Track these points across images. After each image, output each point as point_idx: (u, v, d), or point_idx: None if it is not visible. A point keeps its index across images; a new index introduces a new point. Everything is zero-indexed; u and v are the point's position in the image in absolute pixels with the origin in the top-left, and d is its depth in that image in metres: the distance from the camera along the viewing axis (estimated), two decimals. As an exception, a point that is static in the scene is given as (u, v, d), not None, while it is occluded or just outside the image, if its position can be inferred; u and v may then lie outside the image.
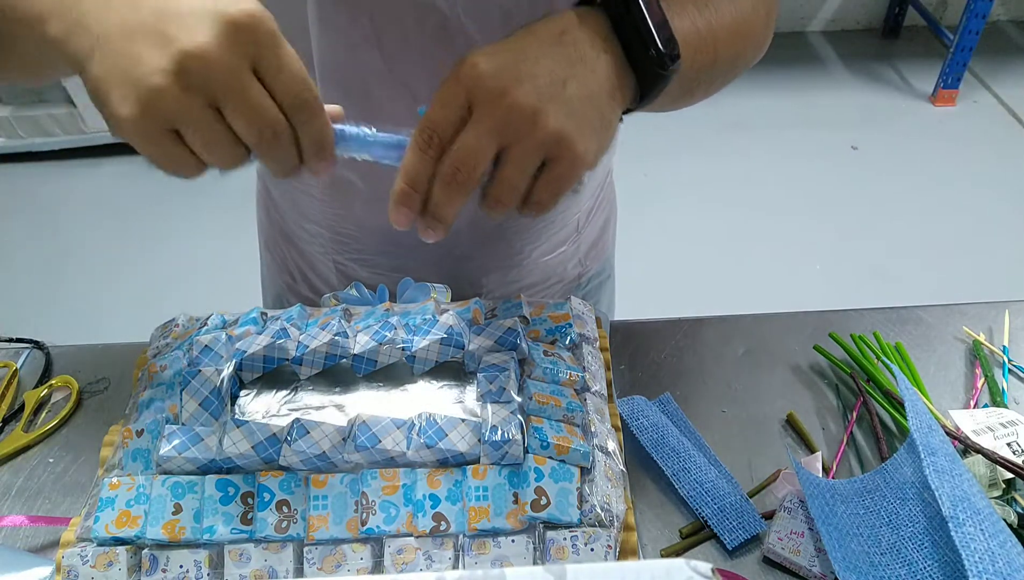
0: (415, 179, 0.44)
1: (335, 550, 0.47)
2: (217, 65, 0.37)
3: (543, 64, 0.43)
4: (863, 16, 3.24)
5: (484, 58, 0.42)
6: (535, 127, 0.42)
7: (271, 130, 0.40)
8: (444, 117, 0.43)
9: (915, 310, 0.74)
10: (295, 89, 0.39)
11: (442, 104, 0.43)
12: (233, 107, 0.38)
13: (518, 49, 0.44)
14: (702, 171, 2.39)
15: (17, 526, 0.57)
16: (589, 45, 0.45)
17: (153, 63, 0.36)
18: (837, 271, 2.11)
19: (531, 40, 0.44)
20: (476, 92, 0.42)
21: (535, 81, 0.42)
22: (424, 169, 0.43)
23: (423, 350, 0.53)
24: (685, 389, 0.67)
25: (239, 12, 0.37)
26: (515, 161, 0.43)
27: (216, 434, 0.49)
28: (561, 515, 0.46)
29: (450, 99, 0.43)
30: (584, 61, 0.45)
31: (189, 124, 0.38)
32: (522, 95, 0.42)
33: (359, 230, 0.71)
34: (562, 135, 0.42)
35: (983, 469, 0.55)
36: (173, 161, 0.40)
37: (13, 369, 0.70)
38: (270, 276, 0.84)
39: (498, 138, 0.42)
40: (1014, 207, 2.31)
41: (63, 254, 2.25)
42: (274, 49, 0.38)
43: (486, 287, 0.75)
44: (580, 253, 0.80)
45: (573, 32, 0.45)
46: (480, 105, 0.42)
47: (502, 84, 0.42)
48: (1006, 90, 2.83)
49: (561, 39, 0.45)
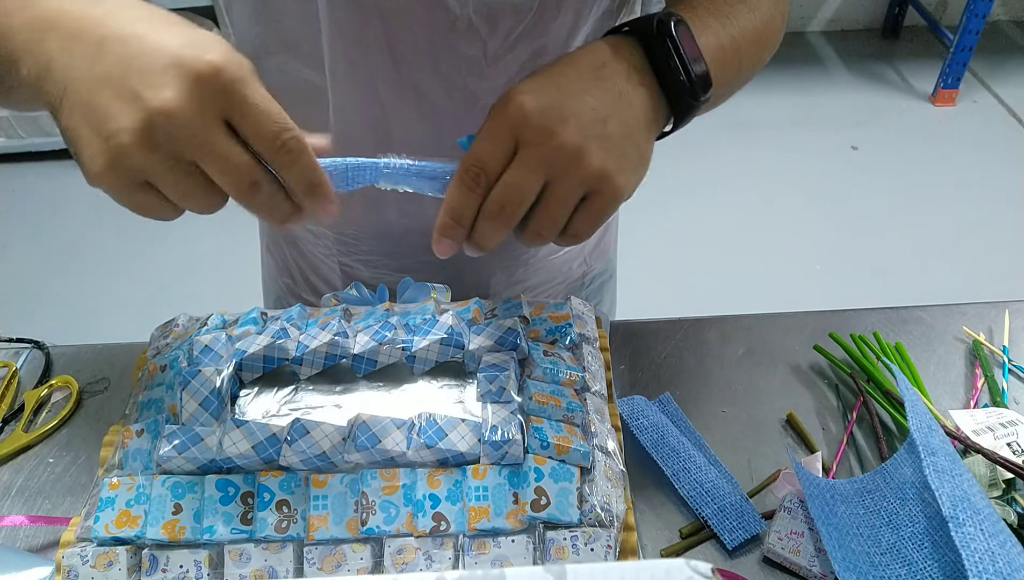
0: (461, 214, 0.45)
1: (335, 550, 0.47)
2: (184, 121, 0.36)
3: (586, 101, 0.44)
4: (863, 16, 3.24)
5: (530, 96, 0.43)
6: (579, 165, 0.43)
7: (247, 180, 0.39)
8: (491, 155, 0.43)
9: (915, 310, 0.74)
10: (268, 134, 0.38)
11: (489, 141, 0.43)
12: (205, 162, 0.38)
13: (562, 85, 0.44)
14: (701, 171, 2.39)
15: (17, 526, 0.57)
16: (626, 79, 0.46)
17: (120, 121, 0.35)
18: (837, 271, 2.11)
19: (573, 74, 0.45)
20: (523, 131, 0.43)
21: (579, 119, 0.43)
22: (470, 205, 0.44)
23: (423, 350, 0.53)
24: (685, 389, 0.67)
25: (204, 65, 0.36)
26: (558, 197, 0.44)
27: (216, 434, 0.49)
28: (561, 515, 0.46)
29: (497, 137, 0.43)
30: (623, 96, 0.46)
31: (160, 179, 0.38)
32: (567, 134, 0.43)
33: (364, 231, 0.71)
34: (604, 172, 0.44)
35: (983, 469, 0.55)
36: (148, 209, 0.40)
37: (13, 369, 0.70)
38: (271, 278, 0.84)
39: (543, 176, 0.43)
40: (1014, 207, 2.31)
41: (63, 254, 2.25)
42: (243, 97, 0.37)
43: (492, 287, 0.75)
44: (584, 252, 0.80)
45: (611, 65, 0.46)
46: (526, 144, 0.43)
47: (548, 124, 0.43)
48: (1006, 90, 2.83)
49: (601, 72, 0.46)
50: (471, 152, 0.44)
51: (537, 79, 0.45)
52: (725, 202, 2.35)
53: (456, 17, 0.55)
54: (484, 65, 0.58)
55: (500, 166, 0.44)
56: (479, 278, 0.75)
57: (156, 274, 2.14)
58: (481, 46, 0.57)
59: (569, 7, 0.57)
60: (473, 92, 0.59)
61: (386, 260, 0.73)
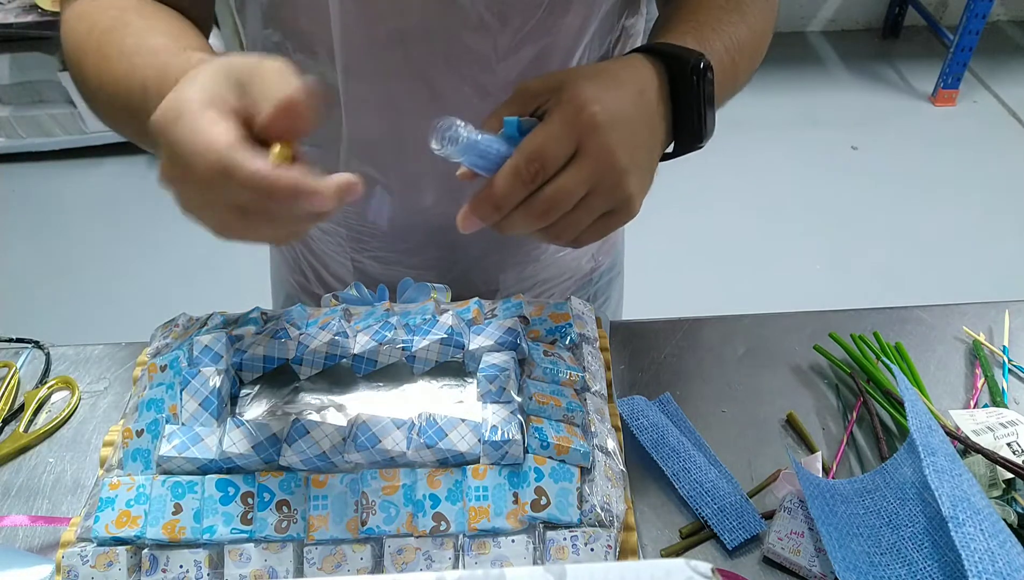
0: (505, 202, 0.45)
1: (335, 550, 0.47)
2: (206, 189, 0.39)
3: (637, 130, 0.47)
4: (863, 16, 3.24)
5: (601, 109, 0.44)
6: (619, 187, 0.46)
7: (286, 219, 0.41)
8: (555, 155, 0.44)
9: (915, 310, 0.74)
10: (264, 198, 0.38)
11: (556, 141, 0.44)
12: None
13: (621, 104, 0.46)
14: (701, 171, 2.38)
15: (17, 526, 0.57)
16: (656, 110, 0.49)
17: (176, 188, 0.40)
18: (837, 271, 2.11)
19: (625, 96, 0.46)
20: (589, 141, 0.44)
21: (631, 143, 0.45)
22: (519, 196, 0.45)
23: (423, 350, 0.53)
24: (685, 389, 0.67)
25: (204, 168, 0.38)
26: (590, 209, 0.46)
27: (216, 434, 0.49)
28: (561, 515, 0.46)
29: (564, 139, 0.44)
30: (653, 128, 0.49)
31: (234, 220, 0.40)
32: (623, 156, 0.45)
33: (377, 226, 0.71)
34: (632, 196, 0.46)
35: (983, 469, 0.55)
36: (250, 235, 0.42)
37: (13, 369, 0.70)
38: (280, 276, 0.84)
39: (590, 186, 0.45)
40: (1014, 207, 2.31)
41: (63, 254, 2.25)
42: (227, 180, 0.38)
43: (502, 284, 0.76)
44: (593, 248, 0.81)
45: (648, 93, 0.48)
46: (588, 155, 0.44)
47: (611, 143, 0.44)
48: (1006, 90, 2.83)
49: (640, 99, 0.48)
50: (535, 146, 0.44)
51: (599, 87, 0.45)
52: (725, 202, 2.35)
53: (467, 13, 0.56)
54: (494, 60, 0.58)
55: (559, 167, 0.44)
56: (489, 275, 0.75)
57: (156, 274, 2.14)
58: (491, 42, 0.57)
59: (579, 5, 0.58)
60: (483, 86, 0.60)
61: (397, 256, 0.73)
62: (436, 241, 0.71)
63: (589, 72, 0.47)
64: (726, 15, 0.56)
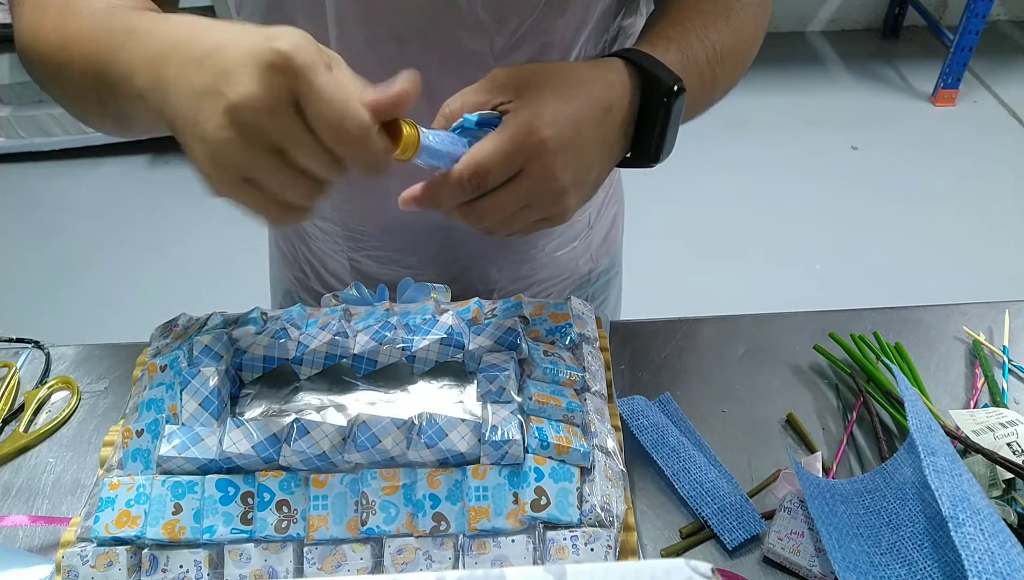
0: (443, 201, 0.47)
1: (335, 550, 0.47)
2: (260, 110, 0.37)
3: (589, 153, 0.48)
4: (863, 16, 3.24)
5: (552, 135, 0.45)
6: (555, 204, 0.48)
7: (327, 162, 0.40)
8: (497, 173, 0.45)
9: (915, 310, 0.74)
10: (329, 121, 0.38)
11: (501, 162, 0.45)
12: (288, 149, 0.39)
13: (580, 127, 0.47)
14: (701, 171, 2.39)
15: (17, 526, 0.57)
16: (619, 126, 0.50)
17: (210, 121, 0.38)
18: (837, 271, 2.11)
19: (589, 115, 0.48)
20: (532, 164, 0.46)
21: (577, 168, 0.47)
22: (456, 199, 0.46)
23: (423, 350, 0.53)
24: (685, 389, 0.67)
25: (272, 54, 0.36)
26: (522, 217, 0.48)
27: (216, 434, 0.49)
28: (561, 515, 0.46)
29: (509, 161, 0.45)
30: (609, 146, 0.50)
31: (256, 173, 0.39)
32: (564, 179, 0.46)
33: (373, 227, 0.71)
34: (567, 210, 0.48)
35: (983, 469, 0.55)
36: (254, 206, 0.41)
37: (13, 369, 0.70)
38: (280, 272, 0.84)
39: (527, 203, 0.47)
40: (1014, 207, 2.31)
41: (63, 254, 2.25)
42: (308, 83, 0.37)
43: (499, 283, 0.76)
44: (592, 248, 0.81)
45: (615, 111, 0.49)
46: (528, 177, 0.46)
47: (555, 168, 0.46)
48: (1006, 90, 2.83)
49: (606, 116, 0.49)
50: (480, 161, 0.45)
51: (560, 111, 0.46)
52: (725, 202, 2.35)
53: (463, 12, 0.56)
54: (491, 60, 0.59)
55: (499, 183, 0.46)
56: (486, 273, 0.75)
57: (156, 274, 2.14)
58: (488, 41, 0.58)
59: (576, 5, 0.58)
60: None
61: (394, 255, 0.73)
62: (432, 240, 0.71)
63: (561, 78, 0.48)
64: (713, 21, 0.56)
